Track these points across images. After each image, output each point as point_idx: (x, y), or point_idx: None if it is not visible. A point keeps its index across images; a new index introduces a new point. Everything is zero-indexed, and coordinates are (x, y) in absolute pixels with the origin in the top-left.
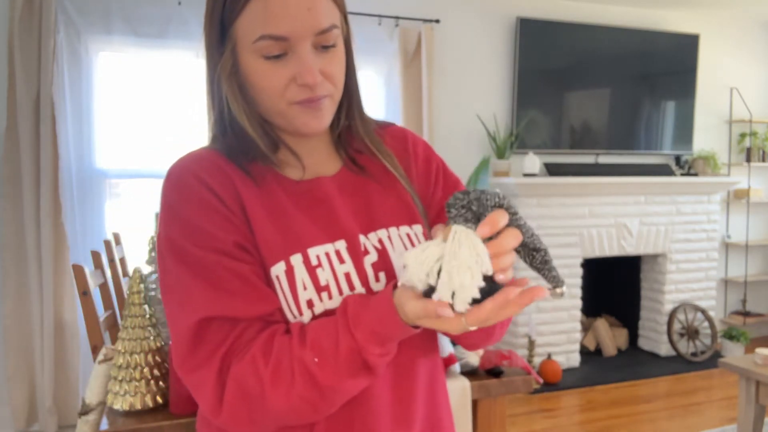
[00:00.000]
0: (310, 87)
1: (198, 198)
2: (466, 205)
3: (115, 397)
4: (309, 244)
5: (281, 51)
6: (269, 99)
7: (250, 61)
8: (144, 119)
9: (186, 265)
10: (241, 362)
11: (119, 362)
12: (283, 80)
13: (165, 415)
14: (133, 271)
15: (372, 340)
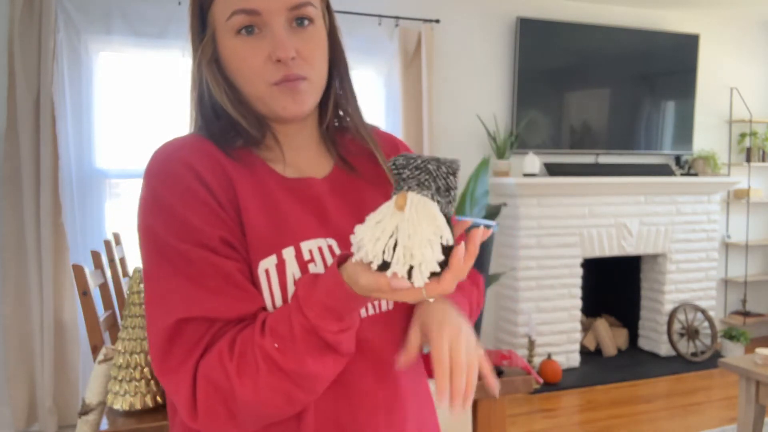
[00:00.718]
0: (284, 62)
1: (185, 187)
2: (420, 165)
3: (115, 397)
4: (302, 237)
5: (252, 23)
6: (249, 82)
7: (227, 43)
8: (144, 119)
9: (167, 261)
10: (207, 357)
11: (119, 362)
12: (259, 59)
13: (165, 415)
14: (133, 271)
15: (326, 317)
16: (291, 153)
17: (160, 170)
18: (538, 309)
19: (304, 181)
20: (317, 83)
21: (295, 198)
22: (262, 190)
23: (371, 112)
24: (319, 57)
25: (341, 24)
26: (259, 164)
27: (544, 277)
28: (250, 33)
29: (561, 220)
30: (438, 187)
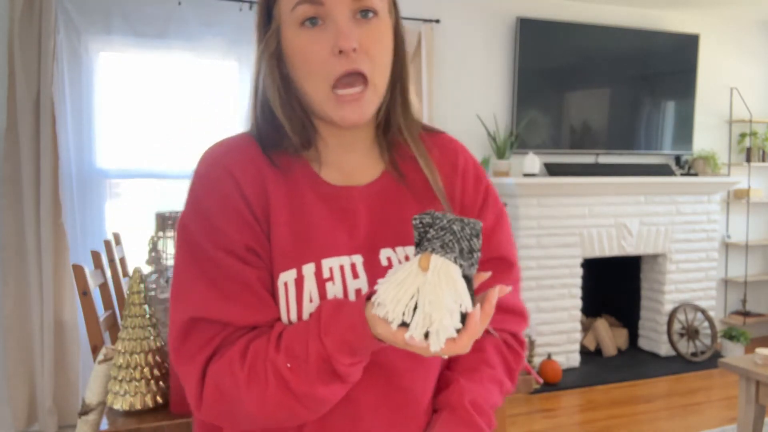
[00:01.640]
0: (346, 54)
1: (222, 193)
2: (445, 226)
3: (115, 397)
4: (325, 254)
5: (316, 14)
6: (310, 79)
7: (291, 35)
8: (144, 119)
9: (195, 260)
10: (219, 362)
11: (119, 362)
12: (323, 52)
13: (165, 415)
14: (133, 271)
15: (342, 350)
16: (340, 155)
17: (204, 173)
18: (538, 309)
19: (345, 189)
20: (379, 85)
21: (330, 209)
22: (295, 201)
23: None
24: (382, 52)
25: None
26: (302, 169)
27: (544, 277)
28: (314, 24)
29: (561, 220)
30: (461, 249)
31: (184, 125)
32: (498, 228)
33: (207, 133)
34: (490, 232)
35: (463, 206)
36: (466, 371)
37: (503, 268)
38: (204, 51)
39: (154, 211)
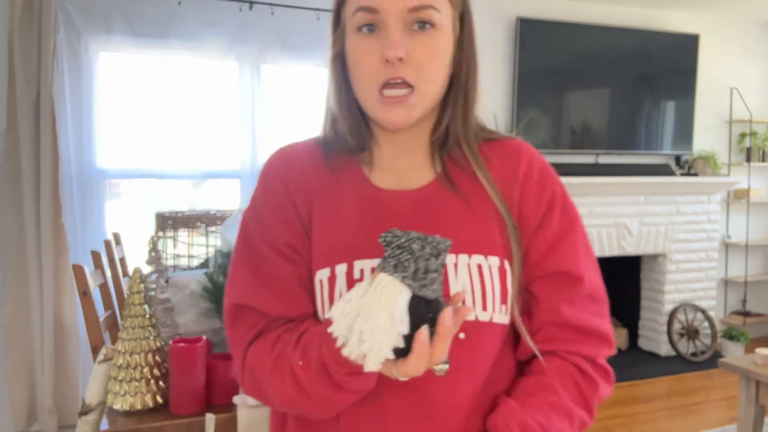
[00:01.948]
0: (391, 63)
1: (272, 192)
2: (404, 245)
3: (115, 397)
4: (358, 256)
5: (371, 21)
6: (361, 82)
7: (350, 40)
8: (144, 119)
9: (246, 251)
10: (255, 347)
11: (119, 362)
12: (373, 58)
13: (165, 415)
14: (133, 271)
15: (338, 360)
16: (392, 160)
17: (264, 174)
18: None
19: (391, 193)
20: (426, 93)
21: (371, 211)
22: (338, 203)
23: None
24: (435, 64)
25: None
26: (352, 171)
27: None
28: (370, 31)
29: None
30: (417, 268)
31: (184, 125)
32: (563, 239)
33: (207, 133)
34: (552, 244)
35: (522, 215)
36: (520, 395)
37: (564, 284)
38: (204, 51)
39: (154, 211)
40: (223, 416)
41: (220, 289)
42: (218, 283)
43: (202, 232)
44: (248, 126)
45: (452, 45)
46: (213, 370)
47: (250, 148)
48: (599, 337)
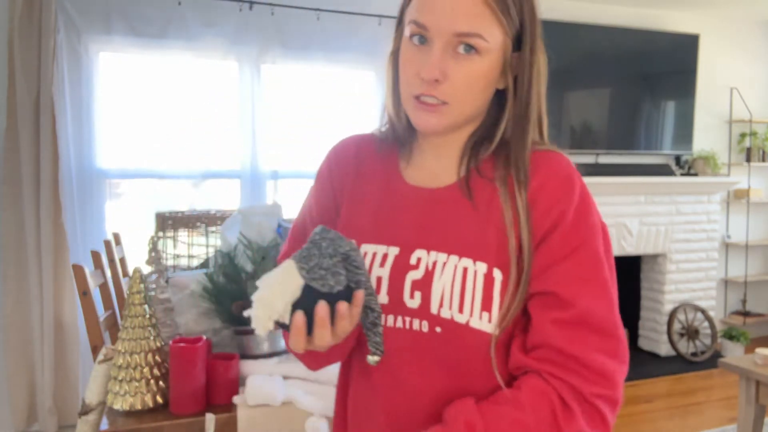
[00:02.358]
0: (425, 81)
1: (320, 173)
2: (317, 241)
3: (115, 397)
4: (368, 240)
5: (422, 34)
6: (403, 86)
7: (403, 44)
8: (144, 119)
9: (297, 217)
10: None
11: (119, 362)
12: (414, 69)
13: (165, 415)
14: (133, 271)
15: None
16: (426, 158)
17: (326, 156)
18: None
19: (414, 189)
20: (459, 110)
21: (390, 203)
22: (366, 191)
23: (371, 112)
24: (473, 87)
25: (341, 24)
26: (391, 164)
27: None
28: (421, 42)
29: None
30: (319, 264)
31: (184, 125)
32: (562, 261)
33: (207, 134)
34: (549, 264)
35: (529, 231)
36: (487, 401)
37: (553, 305)
38: (204, 51)
39: (154, 211)
40: (223, 416)
41: (220, 289)
42: (218, 283)
43: (202, 232)
44: (248, 126)
45: (500, 67)
46: (213, 370)
47: (250, 148)
48: (595, 372)
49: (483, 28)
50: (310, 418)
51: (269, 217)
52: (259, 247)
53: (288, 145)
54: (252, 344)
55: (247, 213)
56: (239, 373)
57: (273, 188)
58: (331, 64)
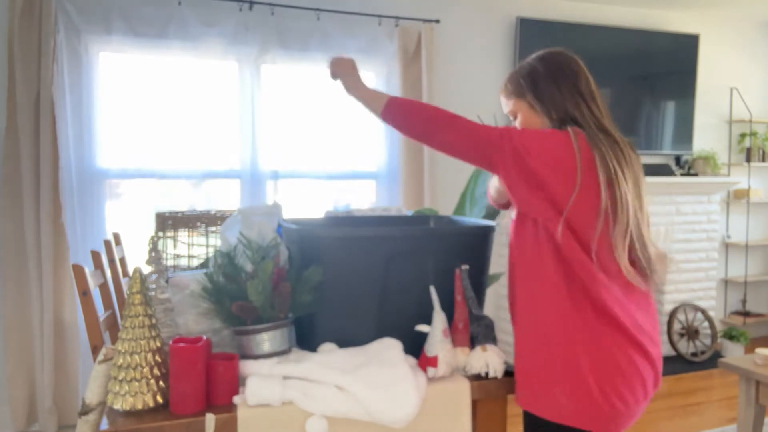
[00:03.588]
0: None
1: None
2: None
3: (115, 397)
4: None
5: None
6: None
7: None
8: (144, 119)
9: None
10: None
11: (119, 362)
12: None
13: (165, 415)
14: (133, 271)
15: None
16: None
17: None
18: None
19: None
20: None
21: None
22: None
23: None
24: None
25: (341, 24)
26: None
27: None
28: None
29: None
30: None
31: (184, 125)
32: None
33: (207, 134)
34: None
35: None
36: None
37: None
38: (204, 51)
39: (154, 211)
40: (223, 416)
41: (220, 289)
42: (218, 283)
43: (202, 232)
44: (248, 126)
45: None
46: (213, 370)
47: (250, 148)
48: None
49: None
50: (310, 418)
51: (269, 217)
52: (259, 247)
53: (288, 145)
54: (252, 344)
55: (247, 213)
56: (239, 373)
57: (273, 188)
58: None
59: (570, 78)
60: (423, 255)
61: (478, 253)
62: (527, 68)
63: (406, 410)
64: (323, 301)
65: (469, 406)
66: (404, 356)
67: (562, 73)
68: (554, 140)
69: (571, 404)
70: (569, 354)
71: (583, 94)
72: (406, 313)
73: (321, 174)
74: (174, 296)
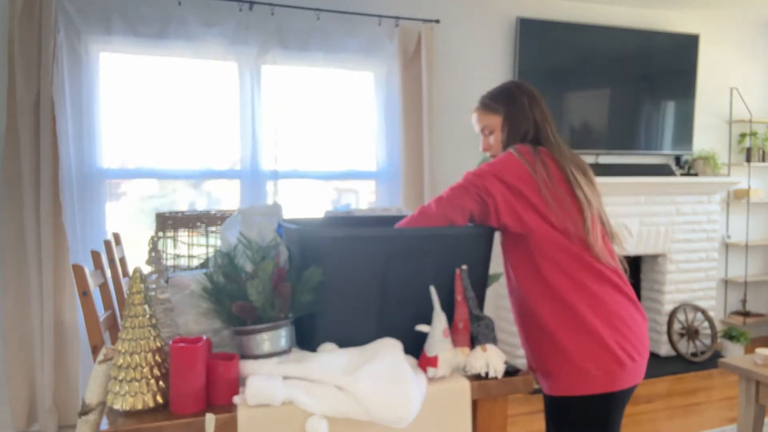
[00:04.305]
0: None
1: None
2: None
3: (115, 397)
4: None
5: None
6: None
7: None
8: (144, 119)
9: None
10: None
11: (119, 362)
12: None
13: (165, 415)
14: (133, 271)
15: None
16: None
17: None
18: None
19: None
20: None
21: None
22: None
23: (371, 112)
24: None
25: (341, 24)
26: None
27: None
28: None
29: None
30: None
31: (184, 125)
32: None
33: (207, 134)
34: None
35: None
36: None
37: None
38: (204, 51)
39: (154, 211)
40: (223, 416)
41: (220, 289)
42: (218, 283)
43: (202, 232)
44: (248, 126)
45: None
46: (213, 370)
47: (250, 149)
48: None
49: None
50: (310, 418)
51: (269, 217)
52: (259, 247)
53: (288, 145)
54: (252, 344)
55: (247, 213)
56: (239, 373)
57: (273, 188)
58: (331, 64)
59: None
60: (423, 255)
61: (478, 253)
62: (504, 90)
63: (406, 410)
64: (323, 301)
65: (469, 406)
66: (404, 356)
67: (532, 97)
68: (510, 159)
69: (599, 371)
70: (586, 321)
71: (547, 117)
72: (406, 313)
73: (321, 174)
74: (174, 296)
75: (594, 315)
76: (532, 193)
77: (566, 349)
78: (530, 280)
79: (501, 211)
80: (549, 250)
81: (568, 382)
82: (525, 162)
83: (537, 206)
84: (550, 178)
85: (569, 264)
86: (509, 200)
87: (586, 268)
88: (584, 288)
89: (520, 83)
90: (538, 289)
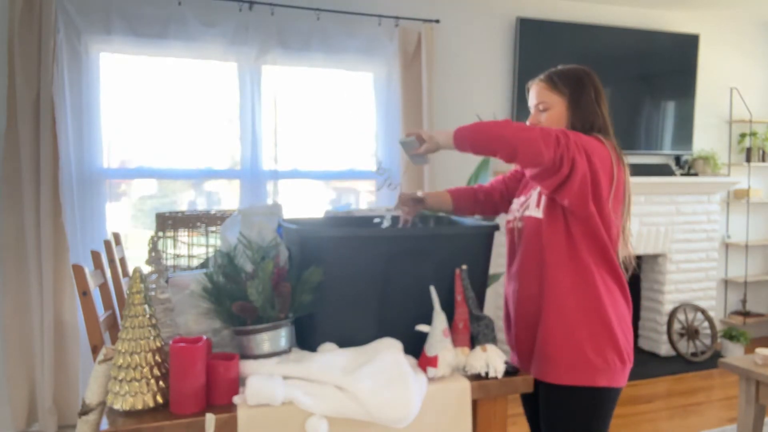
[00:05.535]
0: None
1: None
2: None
3: (115, 397)
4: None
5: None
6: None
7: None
8: (144, 119)
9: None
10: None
11: (119, 362)
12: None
13: (165, 415)
14: (133, 271)
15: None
16: None
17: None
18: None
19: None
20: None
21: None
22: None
23: (371, 112)
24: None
25: (341, 24)
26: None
27: None
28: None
29: None
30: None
31: (184, 125)
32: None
33: (207, 133)
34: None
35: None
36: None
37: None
38: (204, 51)
39: (154, 211)
40: (223, 416)
41: (220, 289)
42: (218, 283)
43: (202, 232)
44: (248, 126)
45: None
46: (213, 370)
47: (250, 149)
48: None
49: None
50: (310, 418)
51: (269, 217)
52: (259, 247)
53: (288, 145)
54: (252, 344)
55: (247, 213)
56: (239, 373)
57: (273, 188)
58: (331, 64)
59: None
60: (423, 255)
61: (478, 253)
62: (575, 73)
63: (406, 410)
64: (323, 301)
65: (469, 406)
66: (404, 356)
67: (599, 91)
68: (600, 145)
69: (607, 365)
70: (606, 315)
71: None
72: (406, 313)
73: (321, 174)
74: (174, 296)
75: (612, 311)
76: (605, 184)
77: (582, 339)
78: (567, 267)
79: (575, 185)
80: (594, 242)
81: (578, 371)
82: (612, 153)
83: (602, 197)
84: (620, 176)
85: (603, 258)
86: (585, 180)
87: (611, 267)
88: (606, 284)
89: (591, 72)
90: (571, 276)
